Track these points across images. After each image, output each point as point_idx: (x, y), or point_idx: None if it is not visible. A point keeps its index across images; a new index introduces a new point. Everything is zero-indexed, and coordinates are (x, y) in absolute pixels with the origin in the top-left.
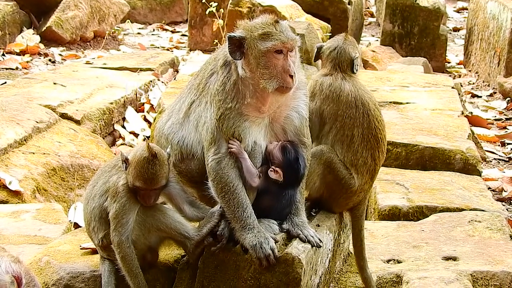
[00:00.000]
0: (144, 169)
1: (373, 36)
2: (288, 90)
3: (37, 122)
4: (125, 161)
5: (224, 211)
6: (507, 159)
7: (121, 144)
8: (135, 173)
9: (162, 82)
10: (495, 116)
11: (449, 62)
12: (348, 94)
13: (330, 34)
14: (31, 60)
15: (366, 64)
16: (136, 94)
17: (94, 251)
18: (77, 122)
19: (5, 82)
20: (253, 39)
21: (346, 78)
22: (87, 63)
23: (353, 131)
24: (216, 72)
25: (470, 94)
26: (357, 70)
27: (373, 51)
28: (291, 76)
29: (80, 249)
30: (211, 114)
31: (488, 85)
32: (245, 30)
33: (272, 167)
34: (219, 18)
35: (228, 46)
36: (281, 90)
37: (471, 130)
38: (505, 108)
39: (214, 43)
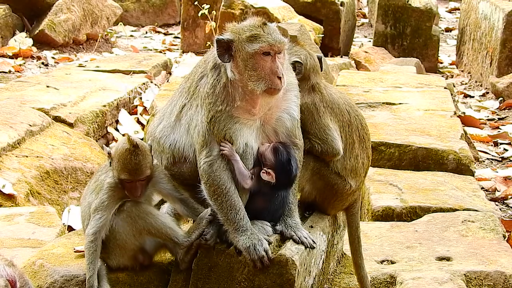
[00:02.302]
0: (127, 160)
1: (365, 37)
2: (276, 92)
3: (30, 125)
4: (109, 155)
5: (212, 217)
6: (500, 159)
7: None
8: (119, 166)
9: (155, 84)
10: (488, 116)
11: (441, 63)
12: (339, 103)
13: (323, 35)
14: (24, 63)
15: (358, 65)
16: (129, 97)
17: None
18: (70, 125)
19: None
20: (241, 41)
21: (326, 84)
22: (80, 66)
23: (353, 137)
24: (206, 75)
25: (463, 94)
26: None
27: (366, 52)
28: (279, 78)
29: (74, 252)
30: (202, 117)
31: (481, 85)
32: (233, 33)
33: (264, 168)
34: (212, 20)
35: (217, 49)
36: (270, 92)
37: (464, 130)
38: (497, 108)
39: (207, 45)
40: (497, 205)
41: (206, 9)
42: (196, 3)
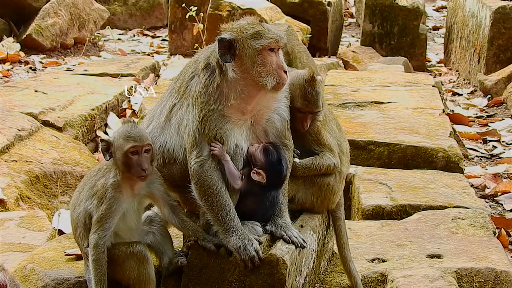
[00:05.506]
0: (129, 131)
1: (353, 36)
2: (282, 86)
3: (19, 130)
4: (107, 144)
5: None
6: (489, 156)
7: None
8: (122, 140)
9: (144, 87)
10: (476, 114)
11: (429, 61)
12: None
13: (310, 35)
14: (12, 68)
15: (346, 65)
16: (117, 100)
17: (78, 257)
18: (59, 129)
19: None
20: (245, 39)
21: None
22: (68, 70)
23: (338, 123)
24: (197, 74)
25: (451, 92)
26: None
27: (354, 51)
28: (285, 72)
29: (65, 255)
30: (193, 116)
31: (469, 83)
32: (234, 32)
33: (255, 169)
34: (199, 22)
35: (219, 49)
36: (277, 88)
37: (453, 128)
38: (486, 106)
39: (195, 47)
40: (487, 202)
41: (193, 11)
42: (183, 5)
